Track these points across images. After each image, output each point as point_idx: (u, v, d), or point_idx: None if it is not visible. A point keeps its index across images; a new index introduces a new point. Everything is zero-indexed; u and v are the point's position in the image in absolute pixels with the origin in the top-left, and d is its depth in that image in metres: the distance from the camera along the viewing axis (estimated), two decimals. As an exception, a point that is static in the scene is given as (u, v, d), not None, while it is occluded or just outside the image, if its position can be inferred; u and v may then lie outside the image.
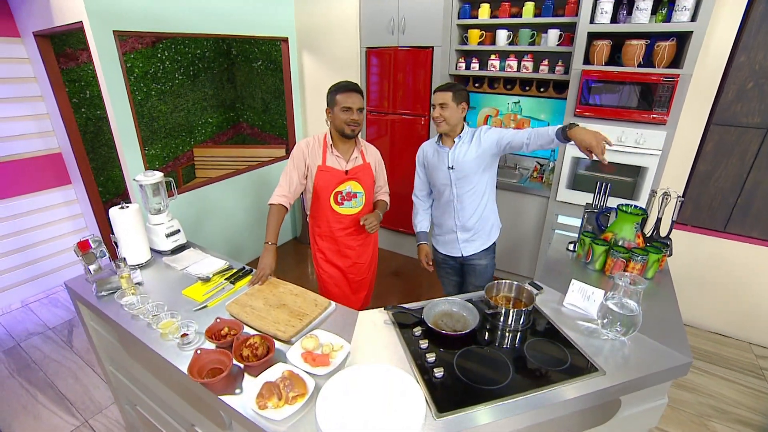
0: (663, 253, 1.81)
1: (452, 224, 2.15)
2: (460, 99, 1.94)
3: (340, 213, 2.09)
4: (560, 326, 1.45)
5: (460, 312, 1.49)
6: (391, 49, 3.30)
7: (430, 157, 2.11)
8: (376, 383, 1.17)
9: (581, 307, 1.54)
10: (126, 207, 1.92)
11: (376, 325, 1.49)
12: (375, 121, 3.61)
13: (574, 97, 2.71)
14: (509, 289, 1.56)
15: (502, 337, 1.42)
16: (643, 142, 2.59)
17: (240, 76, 5.20)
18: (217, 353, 1.31)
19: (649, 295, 1.67)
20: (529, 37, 3.01)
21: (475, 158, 1.99)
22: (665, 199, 1.90)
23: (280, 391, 1.15)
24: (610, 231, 1.89)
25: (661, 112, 2.49)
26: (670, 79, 2.42)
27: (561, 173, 2.89)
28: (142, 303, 1.62)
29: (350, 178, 2.04)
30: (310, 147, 1.99)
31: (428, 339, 1.38)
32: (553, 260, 1.97)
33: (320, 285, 2.28)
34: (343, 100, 1.89)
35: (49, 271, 3.51)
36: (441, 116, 1.95)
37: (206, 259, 2.03)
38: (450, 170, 2.03)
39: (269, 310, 1.55)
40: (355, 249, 2.20)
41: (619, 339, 1.39)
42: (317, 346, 1.34)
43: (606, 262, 1.83)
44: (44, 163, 3.32)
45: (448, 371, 1.24)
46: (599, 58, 2.59)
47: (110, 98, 2.46)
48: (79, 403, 2.36)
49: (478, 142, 1.99)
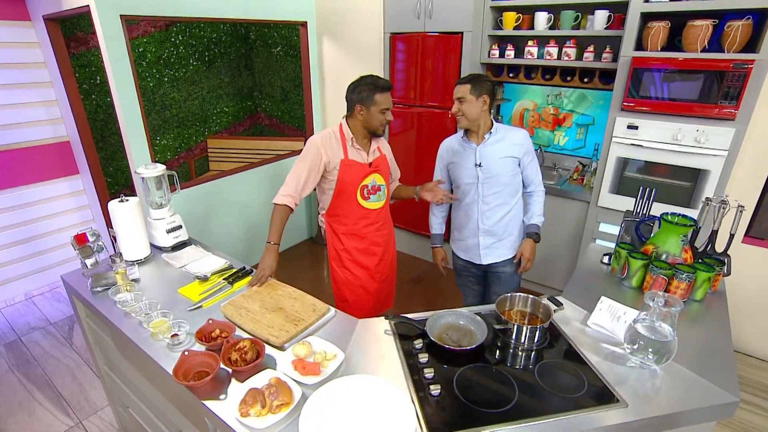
0: (717, 272, 1.75)
1: (475, 228, 2.17)
2: (481, 91, 1.97)
3: (367, 208, 2.16)
4: (580, 348, 1.44)
5: (468, 325, 1.50)
6: (417, 34, 3.33)
7: (455, 153, 2.15)
8: (365, 397, 1.21)
9: (608, 328, 1.53)
10: (126, 200, 2.03)
11: (375, 335, 1.53)
12: (400, 113, 3.65)
13: (621, 89, 2.66)
14: (524, 303, 1.56)
15: (513, 355, 1.42)
16: (704, 140, 2.50)
17: (258, 63, 5.36)
18: (204, 356, 1.39)
19: (697, 319, 1.63)
20: (573, 20, 2.97)
21: (503, 157, 2.04)
22: (722, 208, 1.84)
23: (264, 399, 1.20)
24: (652, 243, 1.84)
25: (730, 105, 2.38)
26: (742, 66, 2.31)
27: (604, 175, 2.84)
28: (135, 300, 1.72)
29: (374, 170, 2.12)
30: (327, 142, 2.05)
31: (429, 353, 1.40)
32: (584, 273, 1.95)
33: (338, 288, 2.33)
34: (383, 101, 1.98)
35: (54, 263, 3.74)
36: (459, 111, 2.01)
37: (207, 257, 2.13)
38: (477, 167, 2.07)
39: (264, 314, 1.61)
40: (381, 245, 2.28)
41: (651, 368, 1.36)
42: (309, 354, 1.39)
43: (644, 278, 1.79)
44: (52, 151, 3.55)
45: (447, 389, 1.26)
46: (654, 42, 2.52)
47: (116, 86, 2.62)
48: (75, 403, 2.52)
49: (512, 144, 2.05)
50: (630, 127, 2.68)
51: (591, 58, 2.95)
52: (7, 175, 3.36)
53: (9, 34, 3.16)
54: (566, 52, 3.00)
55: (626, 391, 1.27)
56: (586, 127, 3.36)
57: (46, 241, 3.67)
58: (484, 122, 2.04)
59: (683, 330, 1.55)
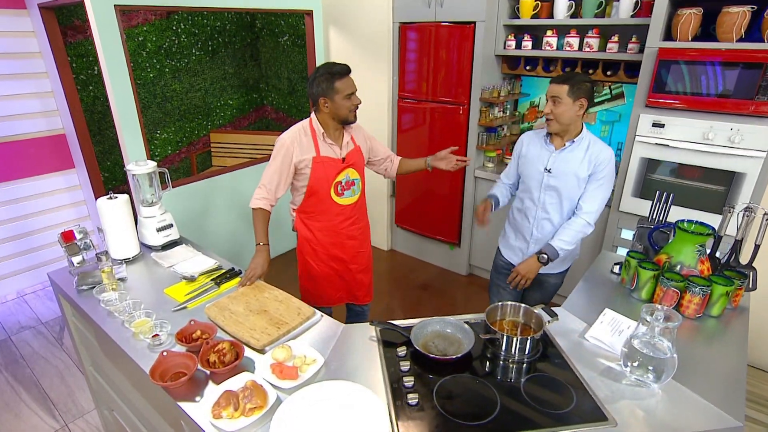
0: (738, 286, 1.77)
1: (528, 233, 2.23)
2: (579, 93, 1.95)
3: (341, 204, 2.28)
4: (574, 362, 1.49)
5: (455, 334, 1.57)
6: (427, 24, 3.41)
7: (531, 148, 2.19)
8: (339, 403, 1.29)
9: (606, 342, 1.57)
10: (115, 197, 2.16)
11: (359, 341, 1.61)
12: (410, 108, 3.73)
13: (646, 84, 2.67)
14: (517, 312, 1.61)
15: (500, 367, 1.49)
16: (739, 140, 2.49)
17: (265, 53, 5.51)
18: (183, 357, 1.49)
19: (713, 337, 1.66)
20: (596, 7, 3.00)
21: (577, 172, 2.05)
22: (747, 215, 1.86)
23: (238, 402, 1.29)
24: (665, 253, 1.87)
25: (767, 101, 2.36)
26: None
27: (626, 177, 2.86)
28: (120, 300, 1.84)
29: (347, 166, 2.22)
30: (298, 140, 2.15)
31: (413, 361, 1.47)
32: (591, 283, 2.00)
33: (311, 279, 2.44)
34: (344, 87, 2.05)
35: (48, 261, 3.93)
36: (552, 113, 2.00)
37: (196, 257, 2.24)
38: (545, 173, 2.11)
39: (248, 316, 1.71)
40: (357, 238, 2.41)
41: (649, 387, 1.40)
42: (289, 358, 1.48)
43: (655, 290, 1.82)
44: (47, 144, 3.74)
45: (425, 399, 1.33)
46: (685, 31, 2.51)
47: (111, 80, 2.76)
48: (62, 405, 2.67)
49: (590, 161, 2.04)
50: (655, 125, 2.69)
51: (615, 49, 2.97)
52: (0, 168, 3.55)
53: (4, 22, 3.35)
54: (588, 42, 3.02)
55: (618, 410, 1.32)
56: (611, 124, 3.38)
57: (40, 238, 3.86)
58: (575, 127, 2.05)
59: (694, 348, 1.59)
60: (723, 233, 1.90)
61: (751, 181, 2.52)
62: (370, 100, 3.89)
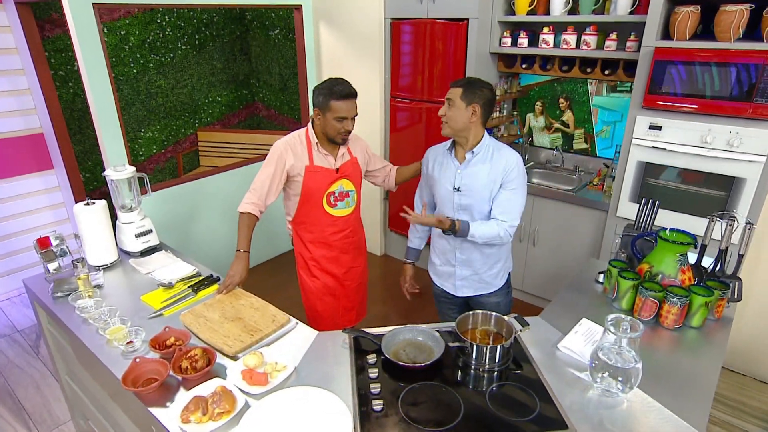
0: (719, 297, 1.89)
1: (452, 256, 2.28)
2: (473, 99, 1.99)
3: (334, 215, 2.40)
4: (543, 371, 1.63)
5: (426, 342, 1.71)
6: (419, 21, 3.56)
7: (436, 166, 2.22)
8: (305, 409, 1.44)
9: (577, 352, 1.70)
10: (92, 203, 2.31)
11: (331, 348, 1.76)
12: (402, 108, 3.89)
13: (642, 84, 2.79)
14: (488, 321, 1.75)
15: (468, 375, 1.63)
16: (738, 144, 2.58)
17: (255, 47, 5.67)
18: (155, 363, 1.64)
19: (691, 348, 1.78)
20: (594, 3, 3.12)
21: (486, 183, 2.08)
22: (730, 224, 1.98)
23: (207, 407, 1.44)
24: (647, 262, 2.00)
25: (766, 103, 2.45)
26: None
27: (623, 181, 2.98)
28: (96, 307, 1.99)
29: (341, 176, 2.35)
30: (292, 147, 2.29)
31: (382, 369, 1.62)
32: (573, 292, 2.13)
33: (307, 298, 2.59)
34: (339, 109, 2.16)
35: (25, 266, 4.10)
36: (445, 115, 2.06)
37: (175, 263, 2.40)
38: (455, 192, 2.14)
39: (223, 323, 1.86)
40: (350, 253, 2.53)
41: (616, 396, 1.53)
42: (260, 364, 1.62)
43: (635, 300, 1.94)
44: (24, 144, 3.91)
45: (391, 405, 1.47)
46: (682, 30, 2.61)
47: (89, 81, 2.91)
48: (37, 416, 2.82)
49: (498, 171, 2.05)
50: (652, 127, 2.81)
51: (613, 47, 3.09)
52: (-24, 169, 3.72)
53: (-22, 18, 3.52)
54: (585, 40, 3.15)
55: (580, 418, 1.45)
56: (613, 125, 3.50)
57: (16, 242, 4.03)
58: (474, 135, 2.06)
59: (669, 358, 1.72)
60: (707, 242, 2.03)
61: (751, 186, 2.61)
62: (362, 99, 3.99)
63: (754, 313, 2.99)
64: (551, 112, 3.77)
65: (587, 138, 3.67)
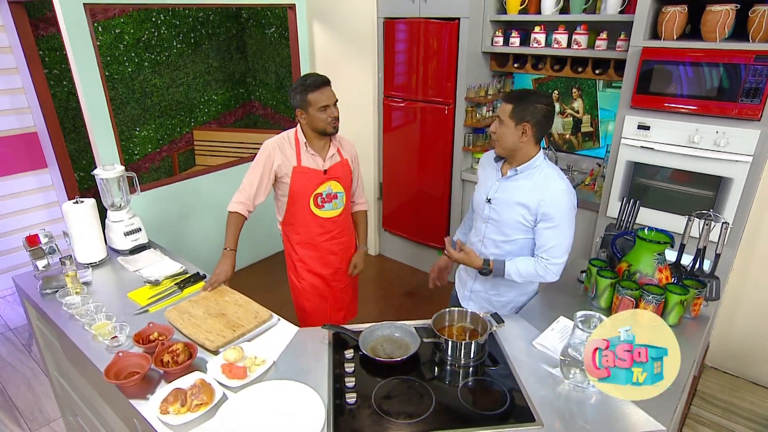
0: (695, 295, 1.95)
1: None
2: (523, 117, 1.86)
3: (321, 216, 2.47)
4: (516, 367, 1.70)
5: (403, 338, 1.78)
6: (412, 20, 3.64)
7: (483, 171, 2.20)
8: (280, 401, 1.51)
9: (551, 349, 1.77)
10: (81, 201, 2.40)
11: (311, 344, 1.83)
12: (396, 107, 3.96)
13: (630, 84, 2.84)
14: (463, 318, 1.83)
15: (443, 370, 1.70)
16: (725, 144, 2.62)
17: (251, 45, 5.75)
18: (138, 357, 1.71)
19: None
20: (584, 3, 3.19)
21: (517, 204, 1.98)
22: (707, 223, 2.04)
23: (185, 398, 1.52)
24: (626, 261, 2.06)
25: (752, 103, 2.49)
26: (766, 59, 2.40)
27: (613, 181, 3.04)
28: (83, 303, 2.07)
29: (329, 178, 2.41)
30: (281, 147, 2.36)
31: (359, 363, 1.69)
32: (554, 290, 2.19)
33: (296, 297, 2.67)
34: (318, 99, 2.22)
35: (19, 265, 4.20)
36: (494, 133, 1.96)
37: (163, 261, 2.48)
38: (487, 203, 2.10)
39: (206, 319, 1.94)
40: (338, 254, 2.60)
41: (586, 390, 1.60)
42: (240, 359, 1.70)
43: (613, 299, 2.01)
44: (18, 143, 4.01)
45: (364, 399, 1.54)
46: (669, 29, 2.66)
47: (81, 81, 3.00)
48: (28, 413, 2.91)
49: (538, 197, 1.93)
50: (641, 127, 2.87)
51: (603, 47, 3.15)
52: (-29, 168, 3.82)
53: (-28, 17, 3.62)
54: (576, 39, 3.22)
55: (548, 412, 1.52)
56: (608, 124, 3.56)
57: (10, 241, 4.13)
58: (523, 155, 1.96)
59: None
60: (685, 241, 2.10)
61: (738, 186, 2.66)
62: (355, 98, 4.12)
63: (745, 315, 3.04)
64: (565, 100, 3.78)
65: (593, 122, 3.68)
